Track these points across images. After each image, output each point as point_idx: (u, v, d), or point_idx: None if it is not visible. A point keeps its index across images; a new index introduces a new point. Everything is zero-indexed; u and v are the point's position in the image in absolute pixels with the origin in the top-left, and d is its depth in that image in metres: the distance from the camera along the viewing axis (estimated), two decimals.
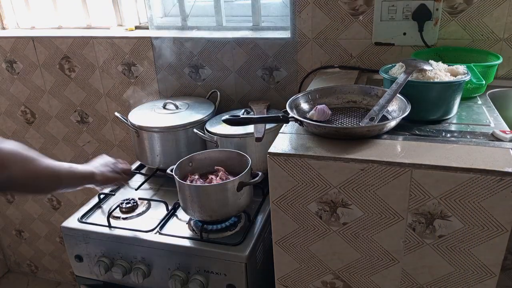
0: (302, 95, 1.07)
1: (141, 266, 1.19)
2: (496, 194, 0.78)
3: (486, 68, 1.12)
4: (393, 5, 1.33)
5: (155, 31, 1.73)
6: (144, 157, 1.50)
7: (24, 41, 1.82)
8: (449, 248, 0.86)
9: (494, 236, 0.81)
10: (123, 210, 1.29)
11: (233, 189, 1.12)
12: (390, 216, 0.87)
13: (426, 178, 0.81)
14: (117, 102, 1.81)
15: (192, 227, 1.21)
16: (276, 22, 1.63)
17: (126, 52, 1.70)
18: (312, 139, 0.93)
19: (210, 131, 1.37)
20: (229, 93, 1.66)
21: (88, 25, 1.86)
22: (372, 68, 1.44)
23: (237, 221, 1.22)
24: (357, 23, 1.40)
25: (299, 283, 1.03)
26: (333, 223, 0.92)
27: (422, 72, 0.99)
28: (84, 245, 1.25)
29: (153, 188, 1.44)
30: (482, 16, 1.28)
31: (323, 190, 0.89)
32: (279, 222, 0.96)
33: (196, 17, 1.72)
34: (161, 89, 1.73)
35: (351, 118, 1.04)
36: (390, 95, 0.96)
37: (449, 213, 0.82)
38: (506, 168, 0.76)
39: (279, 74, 1.57)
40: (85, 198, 2.09)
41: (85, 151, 2.00)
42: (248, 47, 1.55)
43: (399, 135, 0.93)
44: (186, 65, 1.66)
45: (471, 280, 0.88)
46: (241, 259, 1.10)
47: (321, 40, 1.46)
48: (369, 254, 0.93)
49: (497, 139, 0.88)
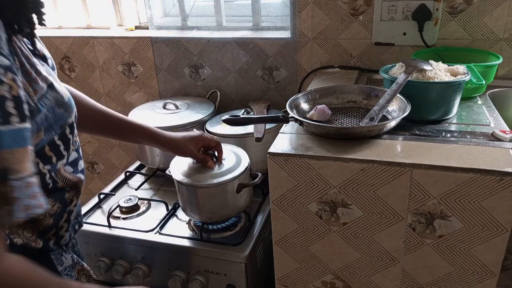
0: (302, 95, 1.07)
1: (141, 266, 1.19)
2: (496, 194, 0.78)
3: (486, 68, 1.12)
4: (393, 5, 1.33)
5: (155, 31, 1.73)
6: (144, 157, 1.50)
7: None
8: (449, 248, 0.86)
9: (494, 236, 0.81)
10: (123, 210, 1.29)
11: (233, 190, 1.12)
12: (390, 216, 0.87)
13: (426, 178, 0.81)
14: (117, 102, 1.81)
15: (192, 227, 1.21)
16: (276, 22, 1.63)
17: (126, 52, 1.70)
18: (312, 139, 0.93)
19: (210, 131, 1.37)
20: (229, 93, 1.66)
21: (88, 25, 1.86)
22: (372, 68, 1.44)
23: (237, 221, 1.22)
24: (357, 23, 1.40)
25: (299, 283, 1.03)
26: (333, 223, 0.92)
27: (422, 72, 0.99)
28: (84, 245, 1.25)
29: (153, 188, 1.44)
30: (482, 16, 1.28)
31: (323, 190, 0.89)
32: (279, 222, 0.96)
33: (196, 17, 1.72)
34: (161, 89, 1.73)
35: (351, 118, 1.04)
36: (390, 95, 0.96)
37: (449, 213, 0.82)
38: (506, 168, 0.77)
39: (279, 74, 1.57)
40: (85, 198, 2.08)
41: (85, 151, 2.00)
42: (248, 47, 1.55)
43: (399, 135, 0.93)
44: (186, 65, 1.66)
45: (471, 280, 0.88)
46: (241, 259, 1.10)
47: (321, 40, 1.46)
48: (369, 254, 0.93)
49: (497, 139, 0.88)
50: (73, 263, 0.88)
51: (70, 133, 0.76)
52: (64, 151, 0.75)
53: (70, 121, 0.75)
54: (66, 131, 0.75)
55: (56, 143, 0.73)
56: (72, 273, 0.88)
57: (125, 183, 1.48)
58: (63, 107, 0.73)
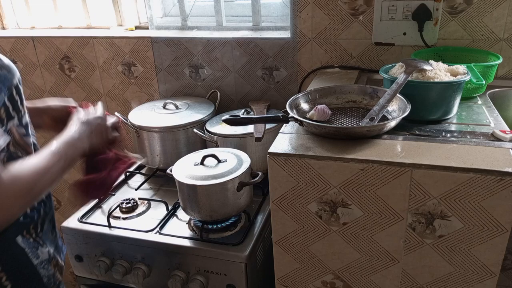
0: (302, 95, 1.07)
1: (141, 266, 1.19)
2: (496, 194, 0.78)
3: (486, 68, 1.12)
4: (393, 5, 1.33)
5: (155, 31, 1.73)
6: (144, 157, 1.50)
7: (24, 41, 1.82)
8: (449, 248, 0.86)
9: (494, 236, 0.81)
10: (123, 210, 1.29)
11: (233, 189, 1.12)
12: (390, 216, 0.87)
13: (426, 178, 0.81)
14: (117, 102, 1.81)
15: (192, 227, 1.21)
16: (276, 22, 1.63)
17: (126, 52, 1.70)
18: (312, 139, 0.93)
19: (210, 131, 1.37)
20: (229, 93, 1.66)
21: (88, 25, 1.86)
22: (372, 68, 1.44)
23: (237, 221, 1.22)
24: (357, 23, 1.40)
25: (299, 283, 1.03)
26: (333, 223, 0.92)
27: (422, 72, 0.99)
28: (84, 245, 1.25)
29: (153, 188, 1.44)
30: (482, 16, 1.28)
31: (323, 190, 0.89)
32: (279, 222, 0.96)
33: (196, 17, 1.72)
34: (161, 89, 1.73)
35: (351, 118, 1.04)
36: (390, 95, 0.96)
37: (449, 213, 0.82)
38: (506, 168, 0.77)
39: (279, 74, 1.57)
40: None
41: None
42: (248, 47, 1.55)
43: (399, 135, 0.93)
44: (186, 65, 1.66)
45: (471, 280, 0.88)
46: (241, 259, 1.10)
47: (321, 40, 1.46)
48: (369, 254, 0.93)
49: (497, 139, 0.88)
50: (50, 258, 0.89)
51: (17, 94, 0.81)
52: (13, 112, 0.79)
53: (15, 83, 0.80)
54: (13, 92, 0.79)
55: (6, 105, 0.77)
56: (49, 267, 0.89)
57: (125, 183, 1.48)
58: (5, 68, 0.78)
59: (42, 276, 0.88)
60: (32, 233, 0.86)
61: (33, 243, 0.85)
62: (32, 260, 0.85)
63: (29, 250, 0.84)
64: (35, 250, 0.85)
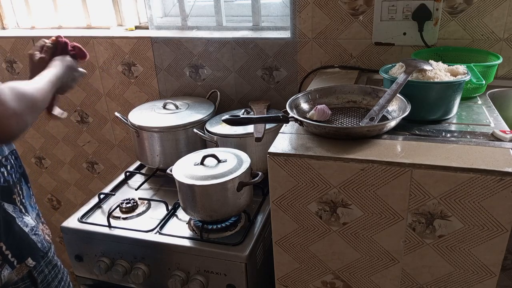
0: (302, 95, 1.07)
1: (141, 266, 1.19)
2: (496, 194, 0.78)
3: (486, 68, 1.12)
4: (393, 5, 1.33)
5: (155, 31, 1.73)
6: (144, 157, 1.50)
7: (24, 41, 1.82)
8: (449, 248, 0.86)
9: (494, 236, 0.81)
10: (123, 210, 1.29)
11: (233, 189, 1.12)
12: (390, 216, 0.87)
13: (426, 178, 0.81)
14: (117, 102, 1.81)
15: (192, 227, 1.21)
16: (276, 22, 1.63)
17: (126, 52, 1.70)
18: (312, 139, 0.93)
19: (210, 131, 1.37)
20: (229, 93, 1.66)
21: (88, 25, 1.86)
22: (372, 68, 1.44)
23: (237, 221, 1.22)
24: (357, 23, 1.40)
25: (299, 283, 1.03)
26: (333, 223, 0.92)
27: (422, 72, 0.99)
28: (84, 245, 1.25)
29: (153, 188, 1.44)
30: (482, 16, 1.28)
31: (323, 190, 0.89)
32: (279, 222, 0.96)
33: (196, 17, 1.72)
34: (161, 89, 1.73)
35: (351, 118, 1.04)
36: (390, 95, 0.96)
37: (449, 213, 0.82)
38: (506, 168, 0.77)
39: (279, 74, 1.57)
40: (85, 198, 2.09)
41: (85, 151, 2.00)
42: (248, 47, 1.55)
43: (399, 135, 0.93)
44: (186, 65, 1.66)
45: (471, 280, 0.88)
46: (241, 259, 1.10)
47: (321, 40, 1.46)
48: (369, 254, 0.93)
49: (497, 139, 0.88)
50: (36, 224, 1.00)
51: None
52: None
53: None
54: None
55: None
56: (38, 232, 0.99)
57: (125, 183, 1.48)
58: None
59: (36, 241, 0.97)
60: (17, 201, 0.96)
61: (19, 213, 0.95)
62: (23, 229, 0.95)
63: (19, 220, 0.95)
64: (22, 220, 0.95)
